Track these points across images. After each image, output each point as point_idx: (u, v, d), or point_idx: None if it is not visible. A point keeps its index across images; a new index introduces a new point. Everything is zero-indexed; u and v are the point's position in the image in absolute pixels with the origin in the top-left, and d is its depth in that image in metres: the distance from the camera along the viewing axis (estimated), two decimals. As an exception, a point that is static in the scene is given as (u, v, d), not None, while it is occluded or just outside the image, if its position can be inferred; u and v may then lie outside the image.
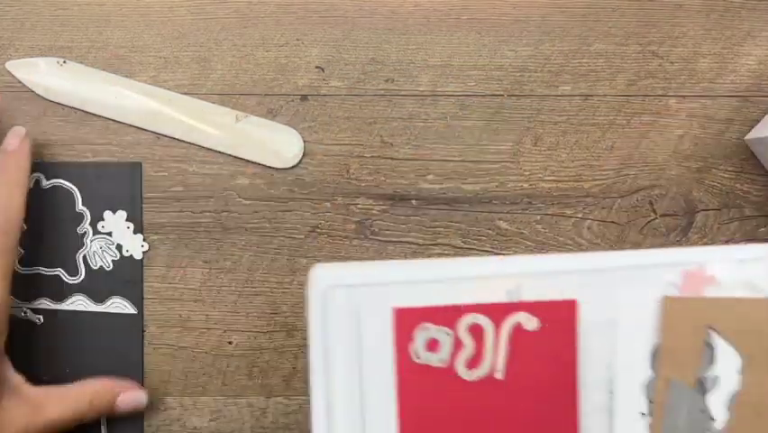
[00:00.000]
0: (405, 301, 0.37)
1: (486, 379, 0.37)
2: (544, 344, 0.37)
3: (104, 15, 0.47)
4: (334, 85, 0.47)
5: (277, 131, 0.47)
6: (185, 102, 0.47)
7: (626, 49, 0.48)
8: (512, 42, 0.48)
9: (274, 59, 0.47)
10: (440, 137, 0.47)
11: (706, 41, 0.48)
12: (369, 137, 0.47)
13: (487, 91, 0.48)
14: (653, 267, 0.37)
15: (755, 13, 0.48)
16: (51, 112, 0.47)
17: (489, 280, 0.37)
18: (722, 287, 0.37)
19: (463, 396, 0.37)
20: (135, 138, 0.47)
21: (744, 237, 0.48)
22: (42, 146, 0.46)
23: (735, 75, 0.48)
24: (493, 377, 0.37)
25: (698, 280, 0.37)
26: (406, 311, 0.37)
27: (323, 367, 0.37)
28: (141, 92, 0.47)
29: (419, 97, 0.47)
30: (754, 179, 0.48)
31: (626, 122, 0.48)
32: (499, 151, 0.47)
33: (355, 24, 0.47)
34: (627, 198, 0.48)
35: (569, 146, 0.47)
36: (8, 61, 0.47)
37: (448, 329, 0.37)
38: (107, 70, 0.47)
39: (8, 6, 0.47)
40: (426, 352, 0.37)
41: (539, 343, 0.37)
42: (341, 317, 0.37)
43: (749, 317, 0.37)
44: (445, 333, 0.37)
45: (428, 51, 0.47)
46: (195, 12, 0.47)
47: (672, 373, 0.37)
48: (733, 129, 0.48)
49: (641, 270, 0.37)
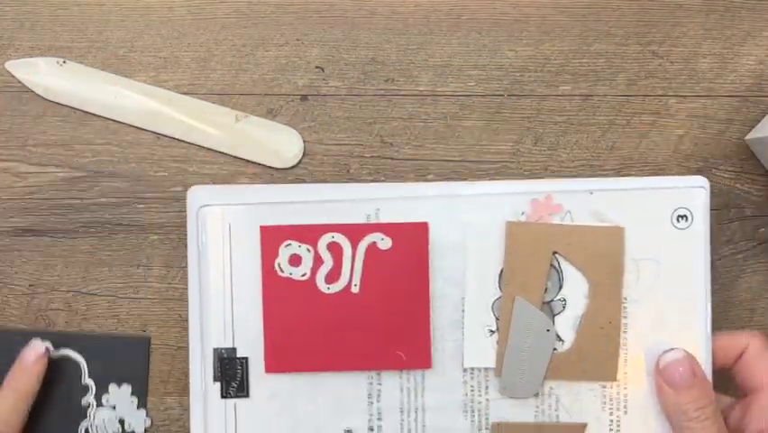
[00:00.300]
0: (271, 221, 0.40)
1: (343, 292, 0.40)
2: (398, 262, 0.40)
3: (104, 15, 0.47)
4: (334, 85, 0.47)
5: (277, 131, 0.47)
6: (185, 102, 0.47)
7: (627, 49, 0.48)
8: (512, 42, 0.48)
9: (274, 59, 0.47)
10: (440, 137, 0.47)
11: (706, 40, 0.48)
12: (369, 137, 0.47)
13: (487, 91, 0.48)
14: (504, 195, 0.40)
15: (755, 13, 0.48)
16: (51, 112, 0.47)
17: (350, 204, 0.41)
18: (570, 216, 0.40)
19: (322, 307, 0.40)
20: (135, 138, 0.47)
21: (744, 237, 0.48)
22: (42, 147, 0.47)
23: (735, 75, 0.48)
24: (349, 291, 0.40)
25: (545, 209, 0.40)
26: (272, 229, 0.40)
27: (198, 278, 0.41)
28: (140, 92, 0.47)
29: (419, 97, 0.47)
30: (754, 179, 0.48)
31: (627, 122, 0.48)
32: (499, 151, 0.47)
33: (355, 24, 0.47)
34: (627, 197, 0.47)
35: (569, 146, 0.47)
36: (8, 61, 0.47)
37: (309, 246, 0.40)
38: (107, 70, 0.47)
39: (8, 6, 0.47)
40: (289, 266, 0.40)
41: (393, 261, 0.40)
42: (215, 232, 0.41)
43: (595, 245, 0.39)
44: (307, 249, 0.40)
45: (428, 51, 0.47)
46: (195, 12, 0.47)
47: (517, 293, 0.40)
48: (733, 129, 0.48)
49: (493, 197, 0.40)
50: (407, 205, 0.41)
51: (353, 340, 0.41)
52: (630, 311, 0.41)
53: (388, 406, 0.41)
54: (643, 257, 0.41)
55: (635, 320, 0.41)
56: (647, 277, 0.41)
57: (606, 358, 0.41)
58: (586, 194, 0.41)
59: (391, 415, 0.41)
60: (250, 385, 0.41)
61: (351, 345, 0.41)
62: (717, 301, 0.48)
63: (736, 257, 0.48)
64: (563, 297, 0.40)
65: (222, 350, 0.41)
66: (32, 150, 0.47)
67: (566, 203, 0.40)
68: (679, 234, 0.41)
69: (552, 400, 0.41)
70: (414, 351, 0.41)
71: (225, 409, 0.41)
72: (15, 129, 0.47)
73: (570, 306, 0.40)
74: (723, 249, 0.48)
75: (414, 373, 0.41)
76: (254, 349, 0.41)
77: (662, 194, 0.41)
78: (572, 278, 0.40)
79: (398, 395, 0.41)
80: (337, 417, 0.41)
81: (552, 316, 0.40)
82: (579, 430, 0.41)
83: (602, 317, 0.40)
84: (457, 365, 0.41)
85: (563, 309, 0.41)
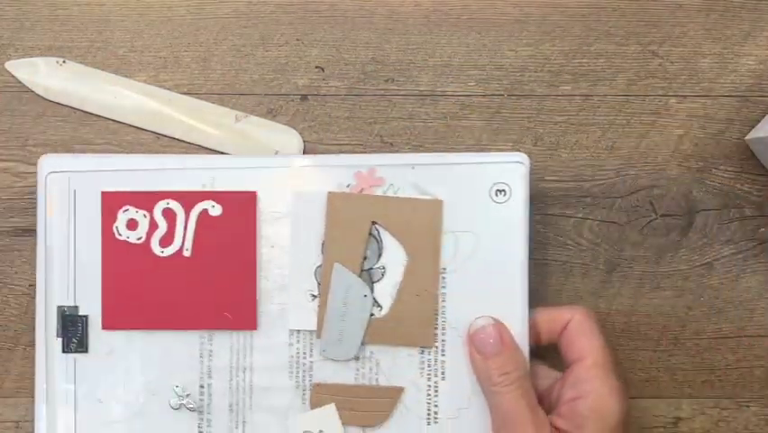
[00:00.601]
0: (114, 187, 0.43)
1: (175, 256, 0.43)
2: (227, 228, 0.43)
3: (103, 15, 0.47)
4: (334, 85, 0.47)
5: (277, 131, 0.47)
6: (185, 102, 0.47)
7: (627, 49, 0.48)
8: (512, 42, 0.48)
9: (274, 59, 0.47)
10: (440, 137, 0.47)
11: (706, 40, 0.48)
12: (369, 137, 0.47)
13: (487, 91, 0.48)
14: (330, 167, 0.42)
15: (756, 13, 0.48)
16: (51, 112, 0.47)
17: (188, 172, 0.43)
18: (393, 188, 0.42)
19: (156, 269, 0.43)
20: (135, 138, 0.47)
21: (744, 237, 0.48)
22: (42, 147, 0.47)
23: (735, 75, 0.48)
24: (182, 254, 0.43)
25: (368, 181, 0.42)
26: (112, 195, 0.43)
27: (44, 240, 0.43)
28: (140, 92, 0.47)
29: (419, 97, 0.47)
30: (754, 179, 0.48)
31: (627, 122, 0.48)
32: (500, 151, 0.47)
33: (355, 24, 0.47)
34: (628, 197, 0.47)
35: (569, 146, 0.47)
36: (8, 61, 0.47)
37: (146, 212, 0.43)
38: (107, 70, 0.47)
39: (8, 6, 0.47)
40: (127, 230, 0.43)
41: (222, 227, 0.43)
42: (61, 197, 0.43)
43: (414, 216, 0.42)
44: (143, 215, 0.43)
45: (428, 51, 0.47)
46: (195, 12, 0.47)
47: (337, 260, 0.42)
48: (733, 129, 0.48)
49: (319, 169, 0.42)
50: (241, 174, 0.43)
51: (185, 301, 0.43)
52: (448, 281, 0.42)
53: (218, 365, 0.43)
54: (462, 229, 0.42)
55: (453, 290, 0.42)
56: (465, 249, 0.42)
57: (422, 324, 0.42)
58: (408, 168, 0.42)
59: (221, 374, 0.43)
60: (89, 341, 0.43)
61: (183, 305, 0.43)
62: (718, 301, 0.48)
63: (737, 257, 0.48)
64: (383, 265, 0.42)
65: (65, 308, 0.43)
66: (31, 150, 0.47)
67: (389, 176, 0.42)
68: (497, 208, 0.42)
69: (372, 363, 0.43)
70: (240, 312, 0.43)
71: (66, 363, 0.43)
72: (15, 129, 0.47)
73: (388, 274, 0.42)
74: (723, 249, 0.48)
75: (243, 333, 0.43)
76: (94, 308, 0.43)
77: (482, 169, 0.42)
78: (391, 247, 0.42)
79: (228, 355, 0.43)
80: (169, 373, 0.43)
81: (371, 283, 0.42)
82: (395, 394, 0.43)
83: (419, 285, 0.42)
84: (284, 328, 0.43)
85: (382, 277, 0.42)
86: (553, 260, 0.47)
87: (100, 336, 0.43)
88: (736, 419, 0.48)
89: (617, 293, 0.47)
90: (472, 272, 0.42)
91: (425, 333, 0.42)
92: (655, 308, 0.48)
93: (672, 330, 0.48)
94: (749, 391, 0.48)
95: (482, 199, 0.42)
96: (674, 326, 0.48)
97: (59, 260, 0.43)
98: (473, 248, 0.42)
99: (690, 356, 0.48)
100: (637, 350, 0.47)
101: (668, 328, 0.48)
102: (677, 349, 0.48)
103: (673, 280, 0.47)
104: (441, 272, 0.42)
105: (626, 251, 0.47)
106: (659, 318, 0.48)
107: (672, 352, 0.48)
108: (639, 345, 0.47)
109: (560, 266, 0.47)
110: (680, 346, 0.48)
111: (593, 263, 0.47)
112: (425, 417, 0.43)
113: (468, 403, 0.43)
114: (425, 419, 0.43)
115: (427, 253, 0.42)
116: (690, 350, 0.48)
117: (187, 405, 0.43)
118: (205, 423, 0.43)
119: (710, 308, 0.48)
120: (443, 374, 0.43)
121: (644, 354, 0.47)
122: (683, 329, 0.48)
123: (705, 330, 0.48)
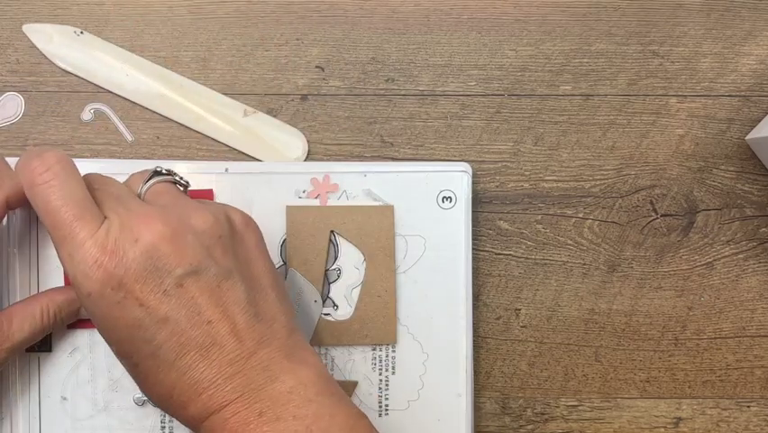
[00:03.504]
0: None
1: None
2: None
3: (104, 15, 0.47)
4: (334, 84, 0.47)
5: (282, 131, 0.47)
6: (196, 89, 0.47)
7: (627, 48, 0.48)
8: (512, 42, 0.48)
9: (274, 59, 0.47)
10: (440, 137, 0.47)
11: (707, 40, 0.48)
12: (369, 137, 0.47)
13: (487, 91, 0.48)
14: (287, 174, 0.44)
15: (756, 13, 0.48)
16: (51, 111, 0.47)
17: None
18: (346, 195, 0.45)
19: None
20: (135, 138, 0.47)
21: (745, 237, 0.48)
22: (42, 146, 0.46)
23: (735, 74, 0.48)
24: None
25: (323, 187, 0.44)
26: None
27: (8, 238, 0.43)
28: (153, 73, 0.47)
29: (419, 97, 0.47)
30: (754, 178, 0.48)
31: (627, 121, 0.48)
32: (500, 150, 0.47)
33: (355, 24, 0.47)
34: (628, 197, 0.47)
35: (570, 146, 0.47)
36: (25, 24, 0.47)
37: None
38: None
39: (7, 6, 0.47)
40: None
41: None
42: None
43: (368, 222, 0.45)
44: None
45: (428, 51, 0.47)
46: (195, 11, 0.47)
47: (297, 266, 0.44)
48: (734, 129, 0.48)
49: (276, 176, 0.44)
50: (202, 179, 0.44)
51: None
52: (400, 281, 0.45)
53: None
54: (411, 233, 0.45)
55: (404, 290, 0.45)
56: (415, 251, 0.45)
57: (385, 323, 0.45)
58: (360, 175, 0.45)
59: None
60: (53, 340, 0.43)
61: None
62: (718, 301, 0.48)
63: (737, 257, 0.48)
64: (338, 267, 0.45)
65: None
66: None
67: (342, 183, 0.45)
68: (443, 214, 0.45)
69: (327, 360, 0.45)
70: None
71: (29, 362, 0.43)
72: (15, 129, 0.47)
73: (344, 275, 0.45)
74: (724, 249, 0.48)
75: None
76: None
77: (429, 177, 0.45)
78: (347, 251, 0.45)
79: None
80: None
81: (328, 283, 0.45)
82: (350, 387, 0.45)
83: (378, 286, 0.45)
84: None
85: (338, 278, 0.45)
86: (553, 260, 0.47)
87: (64, 334, 0.43)
88: (737, 419, 0.48)
89: (617, 293, 0.47)
90: (421, 273, 0.45)
91: (389, 331, 0.45)
92: (656, 308, 0.48)
93: (673, 330, 0.48)
94: (750, 391, 0.48)
95: (430, 205, 0.45)
96: (675, 326, 0.48)
97: (21, 258, 0.43)
98: (421, 251, 0.45)
99: (690, 356, 0.48)
100: (638, 350, 0.47)
101: (668, 328, 0.48)
102: (677, 349, 0.48)
103: (674, 280, 0.47)
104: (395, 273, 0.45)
105: (627, 251, 0.47)
106: (659, 318, 0.47)
107: (673, 352, 0.48)
108: (640, 345, 0.47)
109: (560, 266, 0.47)
110: (680, 346, 0.48)
111: (594, 263, 0.47)
112: (377, 409, 0.45)
113: (417, 396, 0.45)
114: (377, 411, 0.45)
115: (383, 256, 0.45)
116: (690, 350, 0.48)
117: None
118: (168, 417, 0.44)
119: (711, 309, 0.48)
120: (394, 369, 0.45)
121: (645, 354, 0.47)
122: (684, 329, 0.48)
123: (705, 330, 0.48)
